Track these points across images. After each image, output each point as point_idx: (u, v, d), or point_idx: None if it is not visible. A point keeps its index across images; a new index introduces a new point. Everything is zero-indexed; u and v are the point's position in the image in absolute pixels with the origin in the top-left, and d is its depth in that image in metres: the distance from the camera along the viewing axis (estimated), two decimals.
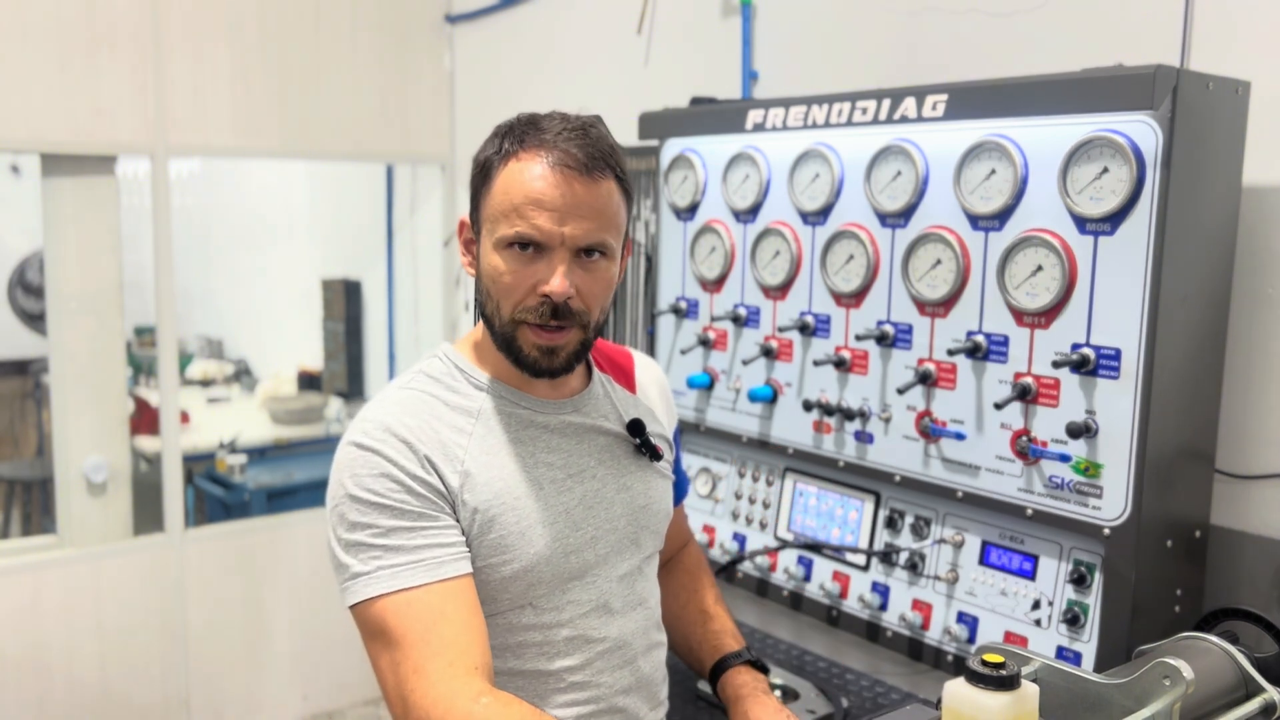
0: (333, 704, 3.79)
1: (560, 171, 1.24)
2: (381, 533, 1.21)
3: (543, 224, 1.24)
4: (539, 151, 1.25)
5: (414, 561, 1.21)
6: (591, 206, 1.25)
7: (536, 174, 1.24)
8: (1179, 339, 1.57)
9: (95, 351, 3.24)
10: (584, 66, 3.15)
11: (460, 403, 1.32)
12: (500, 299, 1.28)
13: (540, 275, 1.25)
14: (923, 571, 1.85)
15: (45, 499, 4.91)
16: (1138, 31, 1.84)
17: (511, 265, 1.26)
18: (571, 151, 1.24)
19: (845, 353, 1.95)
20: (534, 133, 1.27)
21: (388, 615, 1.19)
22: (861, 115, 1.87)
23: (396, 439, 1.25)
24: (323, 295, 4.75)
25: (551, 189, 1.24)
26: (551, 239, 1.24)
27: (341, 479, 1.26)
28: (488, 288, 1.29)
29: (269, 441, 4.53)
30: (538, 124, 1.28)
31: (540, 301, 1.25)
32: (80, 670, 3.24)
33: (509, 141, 1.28)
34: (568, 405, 1.38)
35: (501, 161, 1.27)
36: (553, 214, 1.24)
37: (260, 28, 3.37)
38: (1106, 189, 1.54)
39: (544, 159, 1.24)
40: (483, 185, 1.30)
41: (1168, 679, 1.15)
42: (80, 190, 3.17)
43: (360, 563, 1.22)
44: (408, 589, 1.19)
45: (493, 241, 1.27)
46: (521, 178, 1.25)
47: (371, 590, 1.20)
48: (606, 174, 1.27)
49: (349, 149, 3.61)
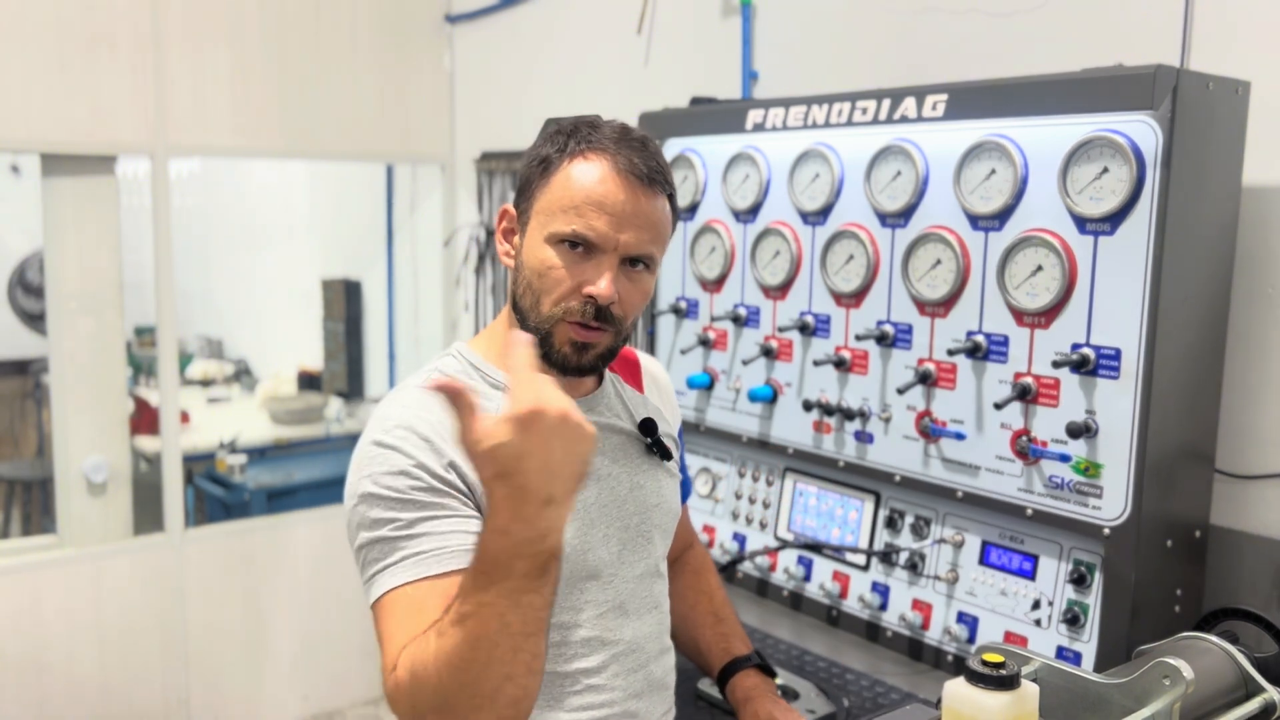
0: (333, 704, 3.79)
1: (625, 178, 1.26)
2: (404, 524, 1.20)
3: (600, 226, 1.25)
4: (604, 155, 1.27)
5: (439, 549, 1.19)
6: (648, 218, 1.28)
7: (600, 176, 1.26)
8: (1179, 339, 1.57)
9: (95, 351, 3.24)
10: (584, 66, 3.15)
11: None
12: (542, 293, 1.28)
13: (587, 276, 1.26)
14: (923, 571, 1.85)
15: (45, 499, 4.91)
16: (1138, 31, 1.84)
17: (560, 261, 1.26)
18: (635, 161, 1.27)
19: (845, 353, 1.95)
20: (596, 136, 1.28)
21: (388, 609, 1.18)
22: (861, 115, 1.87)
23: (418, 436, 1.24)
24: (323, 295, 4.75)
25: (614, 193, 1.25)
26: (606, 243, 1.26)
27: (361, 477, 1.25)
28: (529, 279, 1.29)
29: (269, 441, 4.52)
30: (598, 127, 1.30)
31: (584, 301, 1.26)
32: (80, 670, 3.24)
33: (574, 140, 1.28)
34: (581, 404, 1.38)
35: (565, 158, 1.28)
36: (612, 218, 1.25)
37: (260, 28, 3.37)
38: (1106, 189, 1.54)
39: (609, 163, 1.26)
40: (540, 178, 1.30)
41: (1168, 679, 1.15)
42: (80, 190, 3.17)
43: (383, 558, 1.20)
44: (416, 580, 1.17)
45: (545, 235, 1.27)
46: (585, 177, 1.26)
47: (397, 579, 1.18)
48: (663, 189, 1.30)
49: (349, 149, 3.61)
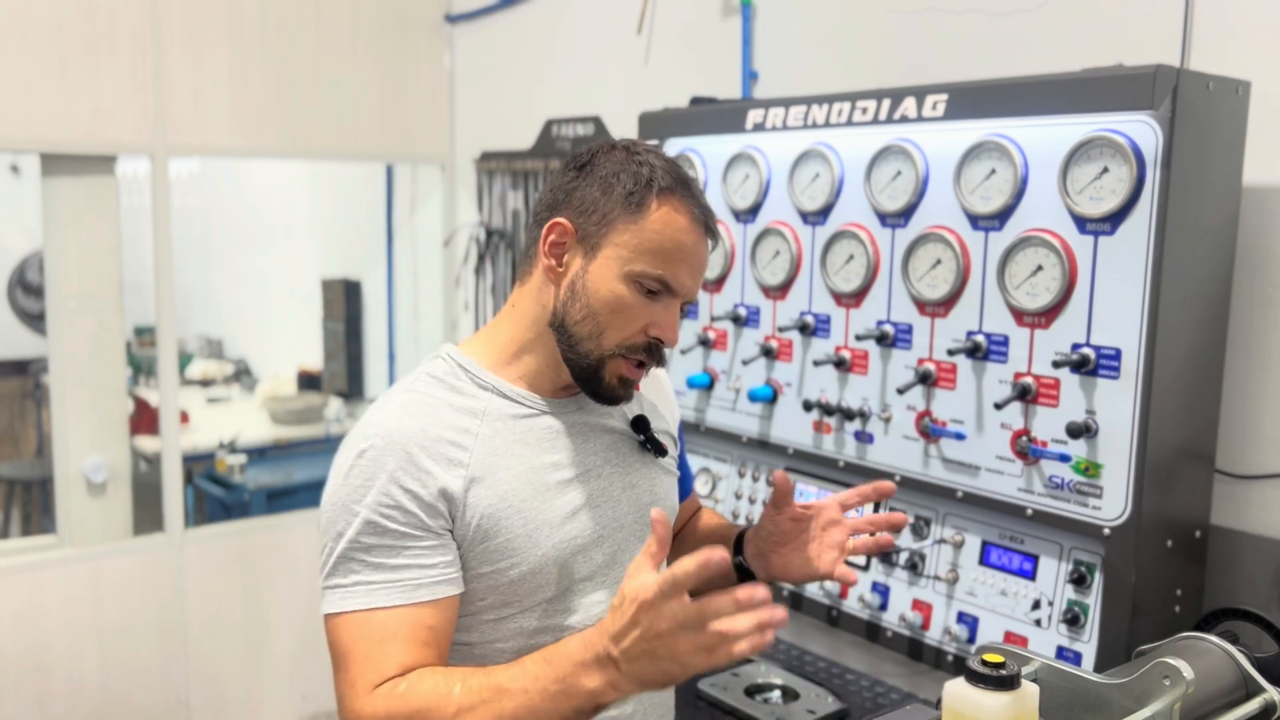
0: (333, 704, 3.77)
1: (702, 230, 1.30)
2: (364, 549, 1.22)
3: (684, 279, 1.29)
4: (688, 206, 1.29)
5: (390, 581, 1.21)
6: (706, 267, 1.34)
7: (688, 226, 1.29)
8: (1179, 339, 1.57)
9: (95, 351, 3.24)
10: (584, 66, 3.15)
11: (464, 403, 1.32)
12: (609, 328, 1.28)
13: (655, 317, 1.29)
14: (923, 571, 1.85)
15: (45, 499, 4.91)
16: (1138, 31, 1.84)
17: (635, 300, 1.28)
18: (706, 210, 1.32)
19: (845, 353, 1.95)
20: (678, 186, 1.29)
21: (344, 632, 1.22)
22: (861, 115, 1.87)
23: (398, 447, 1.24)
24: (323, 295, 4.75)
25: (696, 246, 1.30)
26: (682, 292, 1.30)
27: (336, 485, 1.26)
28: (596, 310, 1.28)
29: (269, 441, 4.53)
30: (683, 175, 1.31)
31: (648, 342, 1.30)
32: (80, 670, 3.24)
33: (659, 184, 1.28)
34: (571, 404, 1.38)
35: (657, 197, 1.27)
36: (692, 270, 1.30)
37: (260, 28, 3.37)
38: (1106, 189, 1.54)
39: (690, 212, 1.29)
40: (626, 209, 1.28)
41: (1168, 679, 1.15)
42: (80, 190, 3.17)
43: (340, 575, 1.23)
44: (373, 609, 1.21)
45: (626, 270, 1.27)
46: (677, 224, 1.28)
47: (344, 605, 1.22)
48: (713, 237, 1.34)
49: (349, 149, 3.61)
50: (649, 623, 1.01)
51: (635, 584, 1.04)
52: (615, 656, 1.04)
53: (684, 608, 1.01)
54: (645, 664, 1.04)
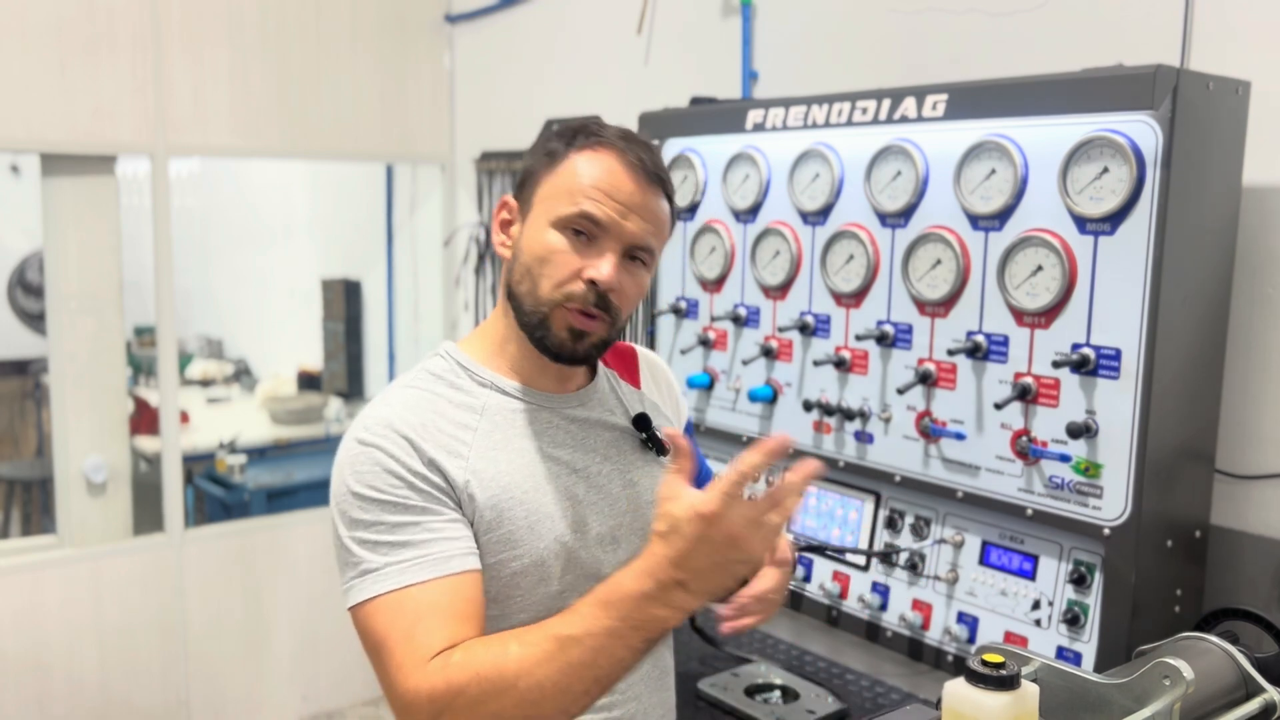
0: (333, 704, 3.79)
1: (633, 170, 1.28)
2: (388, 529, 1.20)
3: (608, 211, 1.27)
4: (612, 149, 1.29)
5: (420, 558, 1.19)
6: (651, 210, 1.30)
7: (609, 166, 1.28)
8: (1179, 339, 1.57)
9: (95, 351, 3.24)
10: (584, 66, 3.15)
11: (464, 399, 1.32)
12: (542, 277, 1.28)
13: (589, 262, 1.27)
14: (923, 571, 1.85)
15: (45, 499, 4.91)
16: (1138, 31, 1.84)
17: (563, 245, 1.27)
18: (643, 157, 1.30)
19: (845, 353, 1.95)
20: (604, 133, 1.31)
21: (378, 617, 1.18)
22: (861, 115, 1.87)
23: (399, 435, 1.24)
24: (323, 295, 4.75)
25: (624, 183, 1.28)
26: (612, 228, 1.27)
27: (344, 476, 1.25)
28: (529, 265, 1.29)
29: (269, 441, 4.53)
30: (604, 127, 1.32)
31: (585, 287, 1.27)
32: (80, 670, 3.24)
33: (581, 136, 1.31)
34: (573, 399, 1.38)
35: (573, 150, 1.30)
36: (619, 206, 1.27)
37: (260, 28, 3.37)
38: (1106, 189, 1.54)
39: (617, 156, 1.29)
40: (545, 169, 1.31)
41: (1168, 679, 1.15)
42: (80, 190, 3.17)
43: (364, 562, 1.20)
44: (406, 587, 1.18)
45: (550, 219, 1.28)
46: (595, 165, 1.28)
47: (375, 589, 1.19)
48: (662, 188, 1.32)
49: (349, 149, 3.61)
50: (721, 534, 1.01)
51: (684, 503, 1.03)
52: (683, 579, 1.03)
53: (753, 505, 1.00)
54: (717, 575, 1.04)
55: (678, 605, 1.05)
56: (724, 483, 1.01)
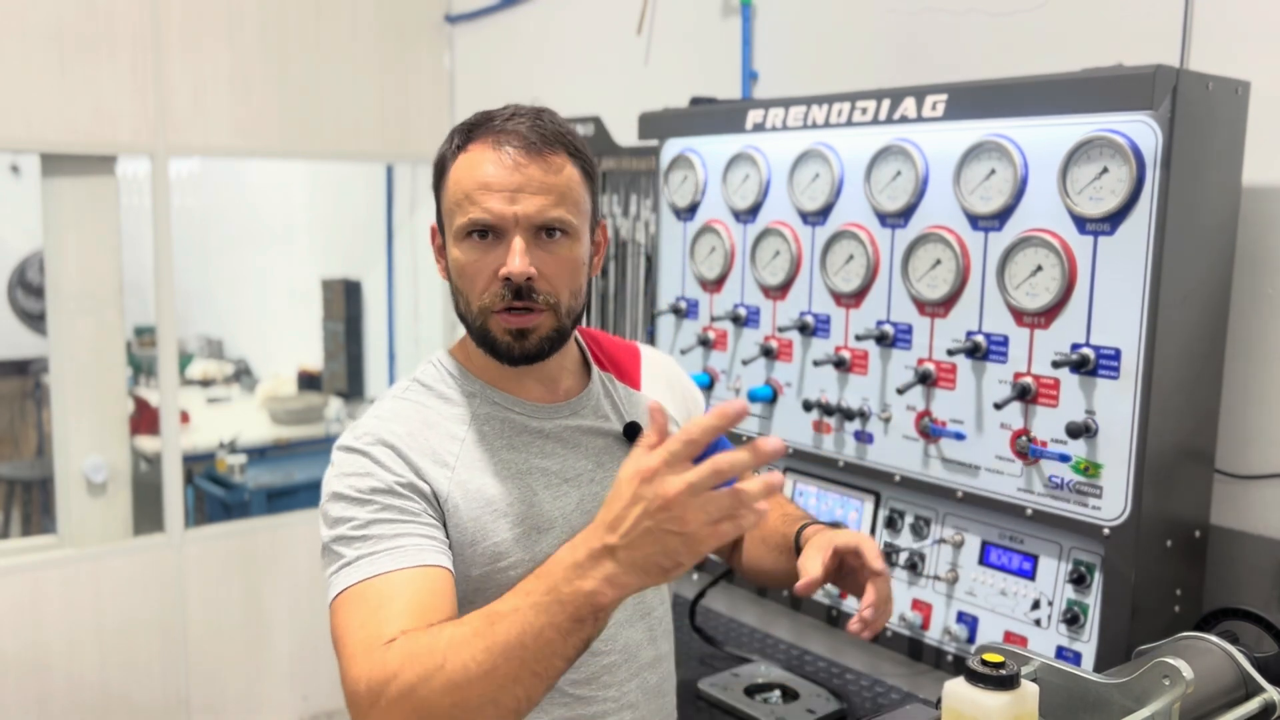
0: (333, 704, 3.79)
1: (507, 152, 1.24)
2: (362, 524, 1.20)
3: (493, 205, 1.23)
4: (487, 139, 1.26)
5: (391, 549, 1.18)
6: (543, 183, 1.24)
7: (482, 160, 1.25)
8: (1179, 339, 1.57)
9: (95, 351, 3.24)
10: (584, 66, 3.15)
11: (453, 411, 1.32)
12: (466, 291, 1.28)
13: (500, 259, 1.24)
14: (922, 571, 1.85)
15: (45, 499, 4.91)
16: (1138, 31, 1.84)
17: (471, 255, 1.25)
18: (520, 133, 1.25)
19: (845, 353, 1.95)
20: (484, 124, 1.28)
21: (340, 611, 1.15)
22: (861, 115, 1.87)
23: (386, 446, 1.25)
24: (323, 295, 4.75)
25: (499, 170, 1.23)
26: (504, 220, 1.23)
27: (329, 479, 1.27)
28: (456, 285, 1.29)
29: (269, 441, 4.53)
30: (489, 116, 1.29)
31: (502, 285, 1.24)
32: (80, 670, 3.24)
33: (460, 137, 1.29)
34: (564, 409, 1.37)
35: (453, 157, 1.28)
36: (502, 194, 1.23)
37: (260, 28, 3.37)
38: (1106, 189, 1.54)
39: (490, 145, 1.25)
40: (440, 184, 1.30)
41: (1167, 679, 1.15)
42: (80, 190, 3.17)
43: (336, 560, 1.20)
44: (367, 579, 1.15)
45: (453, 236, 1.27)
46: (471, 166, 1.25)
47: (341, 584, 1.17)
48: (558, 150, 1.26)
49: (349, 149, 3.61)
50: (654, 493, 0.93)
51: (631, 464, 0.96)
52: (613, 544, 0.95)
53: (695, 469, 0.92)
54: (648, 546, 0.94)
55: (605, 579, 0.96)
56: (671, 443, 0.94)
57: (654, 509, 0.93)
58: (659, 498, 0.93)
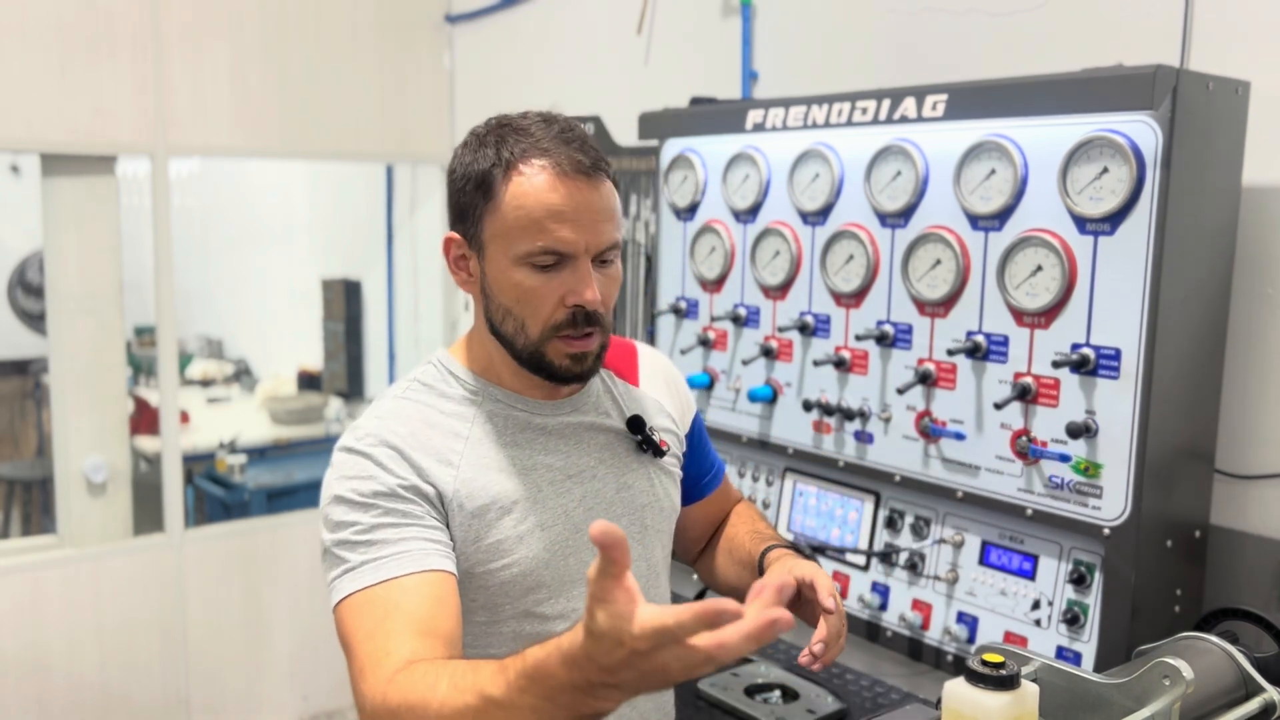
0: (333, 704, 3.79)
1: (571, 179, 1.22)
2: (366, 529, 1.20)
3: (567, 235, 1.22)
4: (540, 159, 1.23)
5: (397, 554, 1.18)
6: (603, 209, 1.25)
7: (546, 184, 1.22)
8: (1179, 339, 1.57)
9: (95, 351, 3.24)
10: (584, 66, 3.15)
11: (455, 409, 1.32)
12: (527, 316, 1.26)
13: (567, 286, 1.24)
14: (922, 571, 1.85)
15: (45, 499, 4.91)
16: (1138, 31, 1.84)
17: (536, 280, 1.24)
18: (574, 156, 1.23)
19: (845, 353, 1.95)
20: (523, 138, 1.25)
21: (346, 618, 1.17)
22: (861, 115, 1.87)
23: (388, 446, 1.25)
24: (323, 295, 4.75)
25: (567, 199, 1.22)
26: (576, 249, 1.23)
27: (330, 482, 1.27)
28: (508, 306, 1.26)
29: (269, 441, 4.53)
30: (520, 128, 1.26)
31: (570, 312, 1.25)
32: (80, 670, 3.24)
33: (499, 150, 1.25)
34: (565, 405, 1.37)
35: (504, 176, 1.24)
36: (574, 224, 1.22)
37: (260, 28, 3.37)
38: (1106, 189, 1.54)
39: (549, 168, 1.23)
40: (484, 200, 1.25)
41: (1167, 679, 1.15)
42: (80, 190, 3.17)
43: (338, 564, 1.21)
44: (370, 586, 1.17)
45: (511, 257, 1.24)
46: (533, 189, 1.22)
47: (346, 589, 1.18)
48: (605, 173, 1.26)
49: (349, 149, 3.61)
50: (647, 664, 0.89)
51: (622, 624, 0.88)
52: (612, 684, 0.93)
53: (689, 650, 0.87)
54: (647, 687, 0.94)
55: (611, 699, 0.95)
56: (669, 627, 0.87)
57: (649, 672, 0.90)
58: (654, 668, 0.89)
